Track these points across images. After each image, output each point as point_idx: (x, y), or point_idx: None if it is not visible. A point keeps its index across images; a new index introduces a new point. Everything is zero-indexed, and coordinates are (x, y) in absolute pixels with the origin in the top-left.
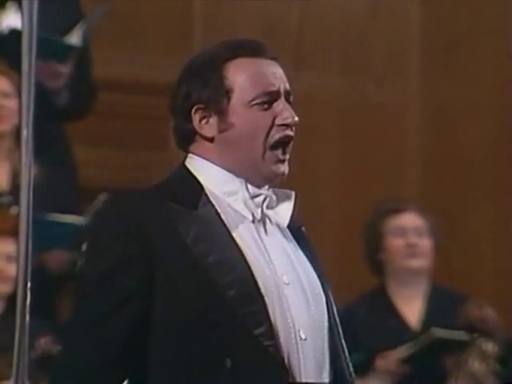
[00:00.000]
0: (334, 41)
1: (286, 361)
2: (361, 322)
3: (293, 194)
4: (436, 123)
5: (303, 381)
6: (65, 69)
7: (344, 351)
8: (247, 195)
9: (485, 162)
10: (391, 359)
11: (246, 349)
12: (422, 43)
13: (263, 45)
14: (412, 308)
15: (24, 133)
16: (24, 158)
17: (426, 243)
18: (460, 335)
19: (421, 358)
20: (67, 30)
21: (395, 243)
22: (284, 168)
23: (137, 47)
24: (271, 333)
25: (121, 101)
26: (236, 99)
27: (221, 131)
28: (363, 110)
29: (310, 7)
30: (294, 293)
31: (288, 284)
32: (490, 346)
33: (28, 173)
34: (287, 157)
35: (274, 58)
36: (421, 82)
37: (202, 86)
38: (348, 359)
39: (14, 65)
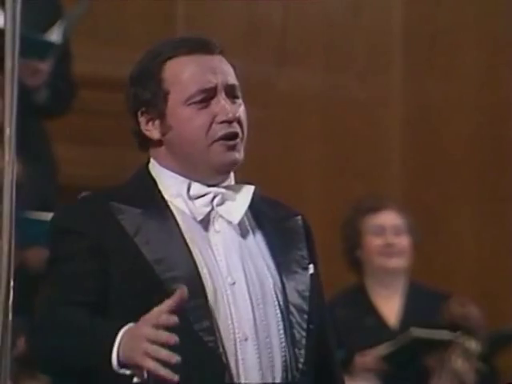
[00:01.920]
0: (317, 38)
1: (223, 359)
2: (339, 320)
3: (251, 188)
4: (417, 120)
5: (242, 381)
6: (45, 66)
7: (294, 343)
8: (186, 197)
9: (466, 158)
10: (370, 357)
11: (186, 342)
12: (404, 40)
13: (205, 40)
14: (390, 306)
15: (7, 131)
16: (7, 157)
17: (404, 242)
18: (439, 334)
19: (400, 357)
20: (47, 28)
21: (373, 242)
22: (236, 155)
23: (119, 45)
24: (212, 329)
25: (102, 98)
26: (173, 100)
27: (163, 134)
28: (345, 106)
29: (293, 6)
30: (238, 293)
31: (233, 284)
32: (472, 344)
33: (11, 171)
34: (238, 142)
35: (217, 53)
36: (402, 79)
37: (143, 89)
38: (298, 352)
39: None
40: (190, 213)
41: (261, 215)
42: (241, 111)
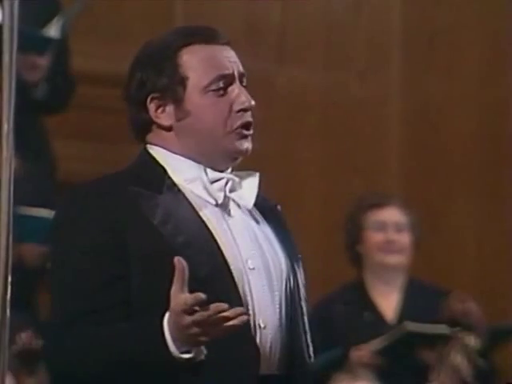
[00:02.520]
0: (317, 36)
1: (257, 343)
2: (337, 316)
3: (257, 175)
4: (417, 118)
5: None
6: (43, 61)
7: (305, 332)
8: (206, 180)
9: (466, 155)
10: (365, 352)
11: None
12: (403, 39)
13: (215, 31)
14: (388, 302)
15: (5, 127)
16: (5, 153)
17: (405, 239)
18: (433, 328)
19: (394, 351)
20: (45, 23)
21: (374, 238)
22: (247, 144)
23: (118, 42)
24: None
25: (101, 95)
26: (191, 86)
27: (178, 119)
28: (345, 104)
29: (292, 4)
30: (258, 278)
31: (253, 269)
32: (472, 340)
33: (9, 167)
34: (251, 132)
35: (226, 43)
36: (402, 77)
37: (157, 74)
38: (309, 340)
39: None
40: (209, 197)
41: (258, 205)
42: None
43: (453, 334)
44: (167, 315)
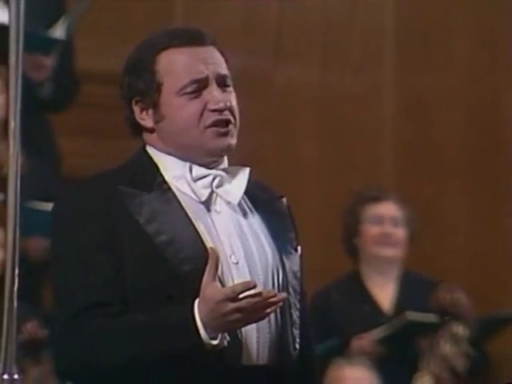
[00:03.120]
0: (314, 34)
1: (239, 336)
2: (336, 306)
3: (247, 170)
4: (410, 113)
5: (243, 362)
6: (49, 61)
7: (293, 324)
8: (190, 178)
9: (458, 150)
10: (366, 341)
11: None
12: (396, 37)
13: (197, 32)
14: (385, 293)
15: (12, 124)
16: (12, 149)
17: (400, 233)
18: (432, 318)
19: (395, 340)
20: (51, 24)
21: (371, 231)
22: (228, 141)
23: (121, 42)
24: None
25: (104, 92)
26: (166, 91)
27: (156, 122)
28: (341, 100)
29: (289, 3)
30: (241, 272)
31: (236, 263)
32: (460, 329)
33: (15, 162)
34: (231, 129)
35: (209, 44)
36: (395, 74)
37: (137, 79)
38: (295, 332)
39: (2, 59)
40: (193, 194)
41: (254, 197)
42: (232, 98)
43: (442, 323)
44: (197, 303)
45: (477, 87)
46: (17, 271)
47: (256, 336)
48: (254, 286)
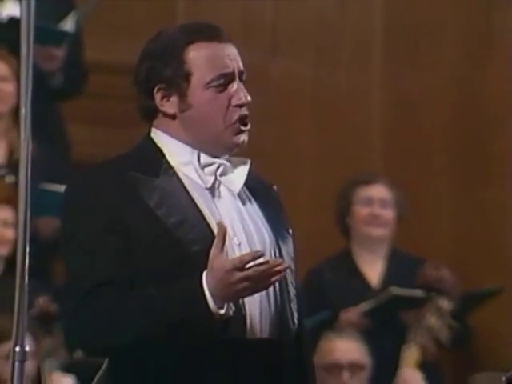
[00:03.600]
0: (307, 34)
1: (242, 311)
2: (327, 282)
3: (248, 162)
4: (398, 108)
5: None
6: (59, 52)
7: (290, 300)
8: (198, 165)
9: (442, 140)
10: (354, 313)
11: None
12: (385, 35)
13: (218, 29)
14: (374, 269)
15: (22, 111)
16: (22, 135)
17: (389, 214)
18: (415, 293)
19: (380, 313)
20: (61, 18)
21: (361, 211)
22: (244, 137)
23: (127, 37)
24: None
25: (112, 83)
26: (194, 82)
27: (181, 111)
28: (333, 95)
29: (284, 3)
30: (244, 252)
31: (239, 245)
32: (445, 304)
33: (26, 147)
34: (248, 127)
35: (228, 41)
36: (384, 71)
37: (164, 68)
38: (293, 308)
39: (14, 50)
40: (200, 180)
41: (251, 187)
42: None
43: (428, 297)
44: (204, 275)
45: (464, 85)
46: (28, 249)
47: (259, 311)
48: (261, 256)
